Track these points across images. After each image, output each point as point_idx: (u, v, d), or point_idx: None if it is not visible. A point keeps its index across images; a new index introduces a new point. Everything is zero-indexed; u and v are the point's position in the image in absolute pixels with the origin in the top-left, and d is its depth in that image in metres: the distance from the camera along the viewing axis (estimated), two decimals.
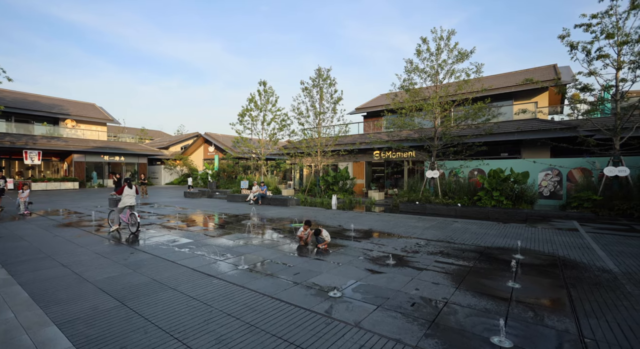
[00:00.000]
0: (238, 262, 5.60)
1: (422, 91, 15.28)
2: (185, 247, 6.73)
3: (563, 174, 13.98)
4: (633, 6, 10.89)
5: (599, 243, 7.24)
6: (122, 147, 32.27)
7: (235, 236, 7.96)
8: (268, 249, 6.54)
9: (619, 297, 4.07)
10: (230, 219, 11.00)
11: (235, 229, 9.02)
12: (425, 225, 9.61)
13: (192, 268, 5.31)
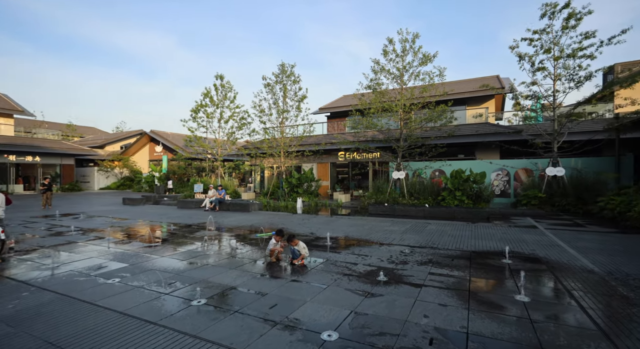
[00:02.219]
0: (192, 294, 4.19)
1: (389, 92, 15.08)
2: (114, 277, 4.95)
3: (511, 174, 14.67)
4: (565, 26, 11.90)
5: (562, 240, 7.45)
6: (38, 145, 26.53)
7: (188, 254, 6.37)
8: (231, 271, 5.21)
9: (624, 304, 3.69)
10: (181, 230, 9.23)
11: (188, 243, 7.40)
12: (401, 229, 9.07)
13: (122, 310, 3.70)
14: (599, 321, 3.42)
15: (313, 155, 19.19)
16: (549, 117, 13.55)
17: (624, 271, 5.10)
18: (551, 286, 4.58)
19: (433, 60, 14.20)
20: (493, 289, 4.42)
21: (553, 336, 3.11)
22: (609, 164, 13.41)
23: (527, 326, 3.30)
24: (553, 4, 12.08)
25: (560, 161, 13.00)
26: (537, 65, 12.79)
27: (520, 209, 12.37)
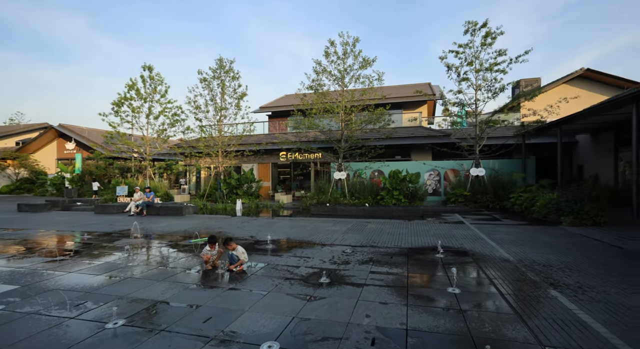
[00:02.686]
0: (107, 315, 3.55)
1: (330, 94, 15.34)
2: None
3: (441, 174, 16.02)
4: (483, 43, 13.34)
5: (484, 233, 8.26)
6: None
7: (106, 267, 5.50)
8: (159, 283, 4.63)
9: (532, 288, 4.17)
10: (98, 239, 7.96)
11: (106, 254, 6.44)
12: (342, 228, 9.20)
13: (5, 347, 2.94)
14: (515, 305, 3.78)
15: (254, 155, 18.65)
16: (472, 123, 15.02)
17: (531, 259, 5.79)
18: (477, 276, 4.97)
19: (372, 64, 14.82)
20: (428, 283, 4.65)
21: (479, 323, 3.33)
22: (517, 166, 15.33)
23: (458, 316, 3.50)
24: (474, 22, 13.41)
25: (482, 163, 14.53)
26: (462, 76, 14.09)
27: (449, 206, 13.47)
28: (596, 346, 2.92)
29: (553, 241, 7.19)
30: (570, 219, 9.00)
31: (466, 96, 14.37)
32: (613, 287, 4.38)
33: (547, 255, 6.02)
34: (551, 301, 3.90)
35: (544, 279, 4.69)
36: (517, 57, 13.16)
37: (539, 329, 3.22)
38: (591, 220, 8.84)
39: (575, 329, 3.20)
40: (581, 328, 3.23)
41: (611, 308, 3.72)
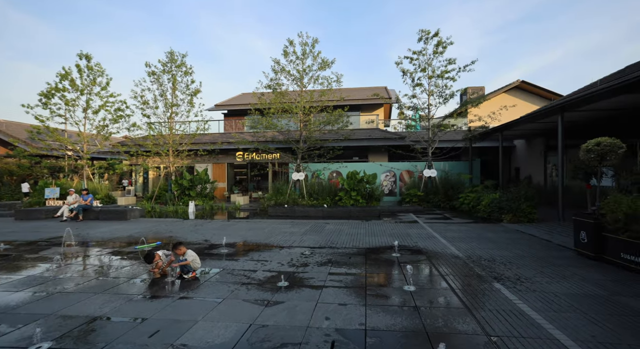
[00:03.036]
0: (27, 338, 3.06)
1: (289, 94, 15.20)
2: None
3: (397, 175, 16.67)
4: (435, 51, 14.09)
5: (436, 231, 8.69)
6: None
7: (29, 281, 4.79)
8: (98, 296, 4.18)
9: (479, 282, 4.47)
10: (18, 249, 6.95)
11: (29, 266, 5.62)
12: (301, 230, 9.14)
13: None
14: (464, 299, 4.01)
15: (208, 155, 17.88)
16: (425, 126, 15.80)
17: (477, 254, 6.20)
18: (430, 273, 5.19)
19: (331, 66, 14.94)
20: (386, 282, 4.76)
21: (433, 318, 3.47)
22: (465, 167, 16.42)
23: (414, 313, 3.61)
24: (427, 31, 14.12)
25: (434, 164, 15.31)
26: (416, 81, 14.73)
27: (404, 206, 14.01)
28: (532, 331, 3.18)
29: (496, 237, 7.78)
30: (510, 216, 9.82)
31: (420, 101, 15.07)
32: (545, 277, 4.83)
33: (491, 251, 6.49)
34: (495, 294, 4.19)
35: (489, 273, 5.03)
36: (465, 66, 14.09)
37: (485, 320, 3.43)
38: (526, 217, 9.73)
39: (516, 318, 3.46)
40: (520, 317, 3.50)
41: (543, 296, 4.09)
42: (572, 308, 3.75)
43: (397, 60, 14.75)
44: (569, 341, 3.02)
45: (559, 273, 5.02)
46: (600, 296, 4.10)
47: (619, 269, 5.19)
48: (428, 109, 15.01)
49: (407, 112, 15.76)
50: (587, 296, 4.09)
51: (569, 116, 10.07)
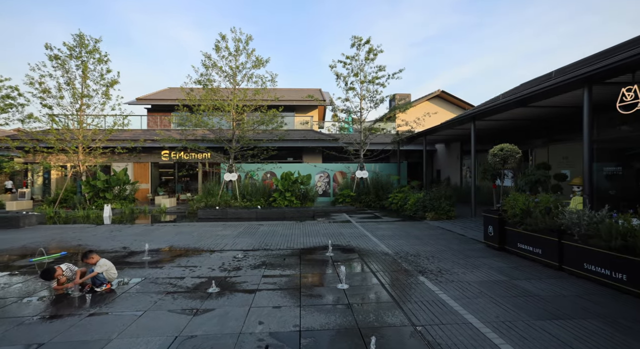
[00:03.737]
0: None
1: (221, 91, 14.53)
2: None
3: (330, 176, 17.16)
4: (367, 58, 14.79)
5: (367, 230, 9.08)
6: None
7: None
8: None
9: (406, 276, 4.83)
10: None
11: None
12: (233, 232, 8.77)
13: None
14: (393, 293, 4.25)
15: (128, 153, 16.15)
16: (357, 129, 16.49)
17: (405, 251, 6.65)
18: (362, 271, 5.39)
19: (266, 65, 14.69)
20: (320, 282, 4.80)
21: (365, 314, 3.60)
22: (394, 169, 17.56)
23: (347, 310, 3.70)
24: (359, 37, 14.76)
25: (365, 166, 16.02)
26: (349, 85, 15.28)
27: (338, 206, 14.41)
28: (450, 318, 3.49)
29: (420, 234, 8.44)
30: (432, 214, 10.77)
31: (353, 104, 15.69)
32: (461, 268, 5.38)
33: (416, 247, 7.02)
34: (420, 286, 4.53)
35: (415, 268, 5.42)
36: (394, 74, 15.09)
37: (412, 312, 3.67)
38: (446, 214, 10.77)
39: (437, 308, 3.78)
40: (441, 306, 3.83)
41: (460, 285, 4.55)
42: (482, 293, 4.23)
43: (331, 64, 15.17)
44: (479, 323, 3.38)
45: (472, 264, 5.64)
46: (502, 281, 4.71)
47: (518, 257, 6.04)
48: (360, 113, 15.69)
49: (340, 115, 16.29)
50: (493, 282, 4.66)
51: (480, 124, 11.44)
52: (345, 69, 15.17)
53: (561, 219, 5.15)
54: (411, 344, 2.99)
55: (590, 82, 6.26)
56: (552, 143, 11.22)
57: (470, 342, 3.00)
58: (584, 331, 3.22)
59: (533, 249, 5.74)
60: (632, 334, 3.15)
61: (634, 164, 8.72)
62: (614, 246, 4.26)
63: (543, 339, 3.06)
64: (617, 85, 6.15)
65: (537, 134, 11.87)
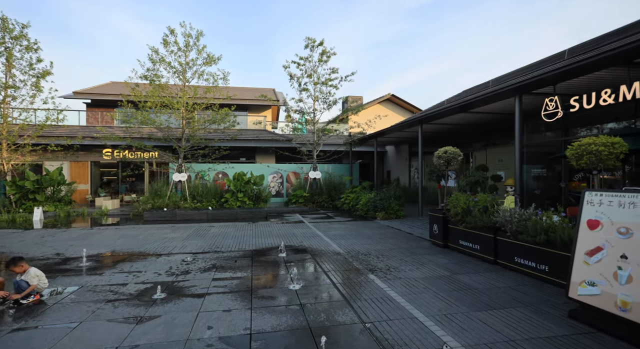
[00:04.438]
0: None
1: (169, 87, 13.79)
2: None
3: (284, 177, 17.13)
4: (320, 59, 14.97)
5: (320, 230, 9.19)
6: None
7: None
8: None
9: (357, 274, 5.00)
10: None
11: None
12: (182, 235, 8.38)
13: None
14: (344, 292, 4.36)
15: (64, 151, 14.65)
16: (311, 130, 16.62)
17: (356, 250, 6.85)
18: (315, 271, 5.45)
19: (217, 62, 14.21)
20: (272, 283, 4.77)
21: (317, 314, 3.66)
22: (346, 170, 17.98)
23: (299, 311, 3.73)
24: (313, 39, 14.89)
25: (319, 166, 16.21)
26: (303, 86, 15.36)
27: (291, 207, 14.40)
28: (397, 313, 3.68)
29: (371, 233, 8.75)
30: (382, 214, 11.21)
31: (306, 105, 15.78)
32: (408, 265, 5.68)
33: (367, 245, 7.26)
34: (370, 284, 4.70)
35: (365, 266, 5.61)
36: (346, 77, 15.44)
37: (362, 309, 3.80)
38: (395, 214, 11.28)
39: (385, 304, 3.95)
40: (389, 302, 4.02)
41: (407, 281, 4.80)
42: (426, 289, 4.51)
43: (285, 64, 15.14)
44: (424, 317, 3.61)
45: (418, 261, 5.98)
46: (445, 276, 5.06)
47: (459, 253, 6.52)
48: (314, 114, 15.82)
49: (294, 116, 16.31)
50: (437, 278, 4.99)
51: (426, 127, 12.15)
52: (299, 70, 15.23)
53: (496, 217, 5.66)
54: (360, 340, 3.09)
55: (520, 92, 6.97)
56: (490, 146, 12.29)
57: (415, 335, 3.19)
58: (513, 318, 3.58)
59: (472, 245, 6.24)
60: (551, 319, 3.57)
61: (556, 167, 9.88)
62: (538, 241, 4.78)
63: (479, 328, 3.35)
64: (542, 95, 6.93)
65: (477, 138, 12.92)
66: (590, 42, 8.14)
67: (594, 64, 5.47)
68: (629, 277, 3.18)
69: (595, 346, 3.02)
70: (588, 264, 3.58)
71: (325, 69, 15.22)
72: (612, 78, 6.69)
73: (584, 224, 3.75)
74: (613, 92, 5.16)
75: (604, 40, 7.47)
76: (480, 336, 3.18)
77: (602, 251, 3.48)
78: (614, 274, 3.31)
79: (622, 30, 7.44)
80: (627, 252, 3.26)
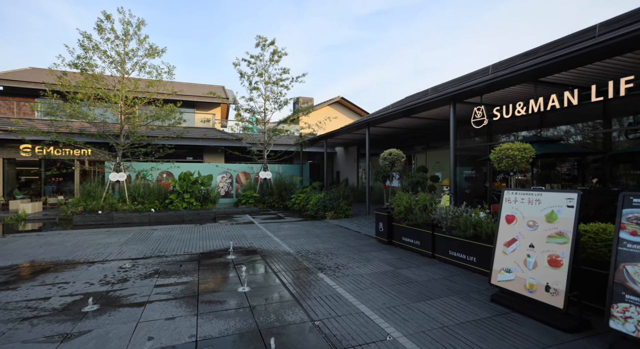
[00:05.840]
0: None
1: (105, 78, 12.61)
2: None
3: (233, 177, 16.70)
4: (271, 59, 14.91)
5: (270, 231, 9.17)
6: None
7: None
8: None
9: (307, 274, 5.10)
10: None
11: None
12: (120, 240, 7.74)
13: None
14: (294, 292, 4.40)
15: None
16: (261, 130, 16.38)
17: (306, 249, 6.93)
18: (265, 272, 5.41)
19: (162, 54, 13.34)
20: (220, 287, 4.63)
21: (266, 316, 3.64)
22: (297, 170, 18.04)
23: (248, 314, 3.68)
24: (264, 38, 14.71)
25: (269, 167, 16.05)
26: (253, 85, 15.12)
27: (240, 208, 14.05)
28: (345, 309, 3.82)
29: (321, 233, 8.90)
30: (332, 213, 11.46)
31: (257, 104, 15.55)
32: (356, 262, 5.90)
33: (317, 245, 7.38)
34: (319, 282, 4.80)
35: (315, 265, 5.71)
36: (297, 77, 15.49)
37: (311, 308, 3.87)
38: (344, 213, 11.61)
39: (334, 301, 4.07)
40: (337, 299, 4.14)
41: (354, 278, 4.99)
42: (372, 284, 4.73)
43: (235, 62, 14.79)
44: (369, 311, 3.79)
45: (365, 258, 6.24)
46: (389, 271, 5.35)
47: (402, 249, 6.93)
48: (264, 113, 15.66)
49: (244, 114, 15.97)
50: (382, 273, 5.25)
51: (373, 130, 12.69)
52: (250, 68, 14.97)
53: (434, 214, 6.13)
54: (310, 339, 3.15)
55: (454, 100, 7.62)
56: (429, 149, 13.23)
57: (361, 329, 3.34)
58: (447, 306, 3.92)
59: (414, 241, 6.68)
60: (477, 304, 3.98)
61: (482, 169, 10.98)
62: (468, 235, 5.29)
63: (418, 318, 3.61)
64: (472, 104, 7.66)
65: (418, 141, 13.83)
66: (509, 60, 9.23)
67: (508, 80, 6.25)
68: (535, 263, 3.73)
69: (510, 324, 3.47)
70: (506, 254, 4.09)
71: (276, 69, 15.13)
72: (527, 92, 7.64)
73: (503, 219, 4.28)
74: (525, 105, 5.93)
75: (518, 60, 8.53)
76: (419, 325, 3.44)
77: (516, 242, 4.01)
78: (524, 261, 3.85)
79: (530, 53, 8.56)
80: (533, 242, 3.81)
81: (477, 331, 3.32)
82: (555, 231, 3.62)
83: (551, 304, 3.45)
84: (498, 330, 3.34)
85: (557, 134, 8.96)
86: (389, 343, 3.09)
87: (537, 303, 3.61)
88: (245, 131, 16.81)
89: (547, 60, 5.39)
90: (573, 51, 4.99)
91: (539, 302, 3.59)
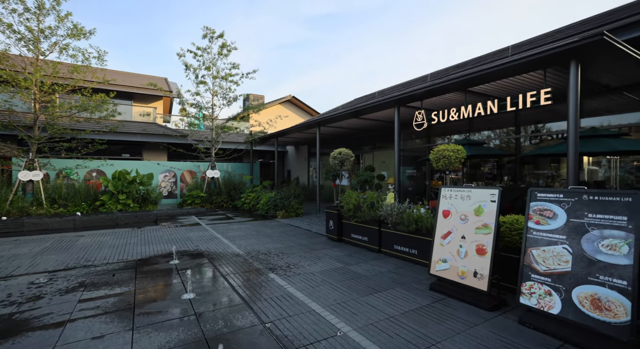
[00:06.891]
0: None
1: (12, 58, 10.86)
2: None
3: (178, 176, 15.69)
4: (220, 52, 14.27)
5: (218, 232, 8.77)
6: None
7: None
8: None
9: (257, 275, 4.94)
10: None
11: None
12: (33, 250, 6.74)
13: None
14: (244, 295, 4.21)
15: None
16: (209, 126, 15.58)
17: (256, 249, 6.72)
18: (213, 275, 5.10)
19: (89, 37, 11.79)
20: (162, 295, 4.25)
21: (214, 322, 3.42)
22: (247, 169, 17.50)
23: (193, 322, 3.41)
24: (212, 29, 13.98)
25: (217, 165, 15.31)
26: (200, 79, 14.26)
27: (186, 209, 13.19)
28: (297, 309, 3.74)
29: (272, 232, 8.71)
30: (283, 212, 11.30)
31: (204, 99, 14.73)
32: (306, 261, 5.85)
33: (267, 244, 7.19)
34: (270, 283, 4.66)
35: (266, 266, 5.54)
36: (247, 74, 14.98)
37: (262, 310, 3.73)
38: (295, 212, 11.52)
39: (285, 301, 3.97)
40: (289, 299, 4.05)
41: (305, 277, 4.94)
42: (323, 281, 4.72)
43: (180, 52, 13.86)
44: (321, 308, 3.76)
45: (316, 256, 6.22)
46: (340, 268, 5.40)
47: (352, 246, 7.05)
48: (212, 109, 14.92)
49: (190, 110, 15.07)
50: (332, 270, 5.27)
51: (324, 129, 12.79)
52: (196, 60, 14.13)
53: (380, 211, 6.34)
54: (260, 342, 3.02)
55: (399, 104, 7.98)
56: (376, 150, 13.73)
57: (312, 327, 3.29)
58: (392, 297, 4.06)
59: (362, 237, 6.84)
60: (418, 293, 4.21)
61: (423, 168, 11.72)
62: (411, 230, 5.58)
63: (367, 311, 3.68)
64: (414, 109, 8.09)
65: (366, 141, 14.28)
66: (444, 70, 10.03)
67: (443, 87, 6.83)
68: (466, 252, 4.12)
69: (446, 309, 3.77)
70: (442, 246, 4.44)
71: (225, 64, 14.49)
72: (459, 100, 8.33)
73: (440, 214, 4.63)
74: (457, 111, 6.49)
75: (452, 70, 9.35)
76: (368, 318, 3.51)
77: (451, 234, 4.39)
78: (457, 251, 4.23)
79: (461, 65, 9.42)
80: (465, 234, 4.20)
81: (419, 318, 3.53)
82: (482, 223, 4.05)
83: (478, 288, 3.87)
84: (436, 315, 3.60)
85: (482, 138, 10.08)
86: (340, 338, 3.09)
87: (468, 288, 4.00)
88: (191, 127, 15.77)
89: (472, 72, 6.02)
90: (491, 67, 5.67)
91: (468, 287, 3.98)
